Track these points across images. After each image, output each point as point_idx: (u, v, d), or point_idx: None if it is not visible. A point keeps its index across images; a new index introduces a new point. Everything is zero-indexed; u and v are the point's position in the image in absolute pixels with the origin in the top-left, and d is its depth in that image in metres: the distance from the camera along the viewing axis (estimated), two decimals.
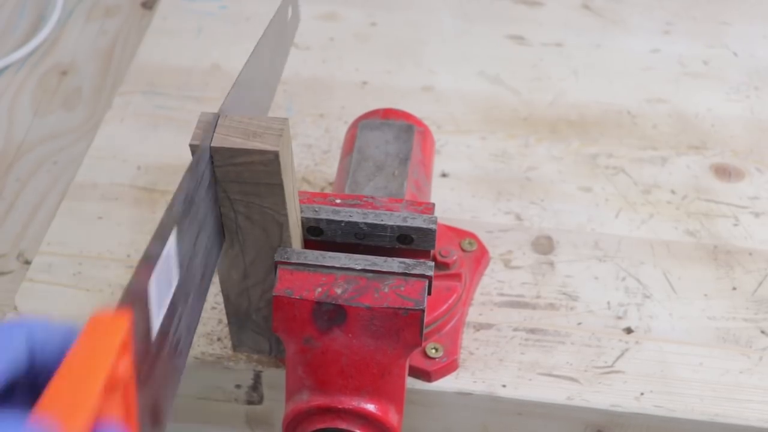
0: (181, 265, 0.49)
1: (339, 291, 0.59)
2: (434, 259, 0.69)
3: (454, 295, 0.70)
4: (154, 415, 0.45)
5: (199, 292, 0.54)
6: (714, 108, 0.91)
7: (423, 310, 0.59)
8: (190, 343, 0.53)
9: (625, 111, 0.90)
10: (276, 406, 0.72)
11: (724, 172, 0.85)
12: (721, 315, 0.74)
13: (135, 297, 0.42)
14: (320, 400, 0.61)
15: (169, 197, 0.81)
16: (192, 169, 0.52)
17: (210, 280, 0.56)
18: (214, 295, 0.73)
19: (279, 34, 0.67)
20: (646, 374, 0.70)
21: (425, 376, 0.69)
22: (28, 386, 0.39)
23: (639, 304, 0.74)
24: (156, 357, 0.46)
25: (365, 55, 0.96)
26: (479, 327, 0.72)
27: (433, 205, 0.64)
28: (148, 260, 0.44)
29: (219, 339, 0.71)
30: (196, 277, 0.53)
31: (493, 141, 0.87)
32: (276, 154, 0.54)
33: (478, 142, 0.87)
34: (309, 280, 0.60)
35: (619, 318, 0.73)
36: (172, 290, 0.48)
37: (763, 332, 0.73)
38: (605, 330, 0.73)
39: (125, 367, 0.39)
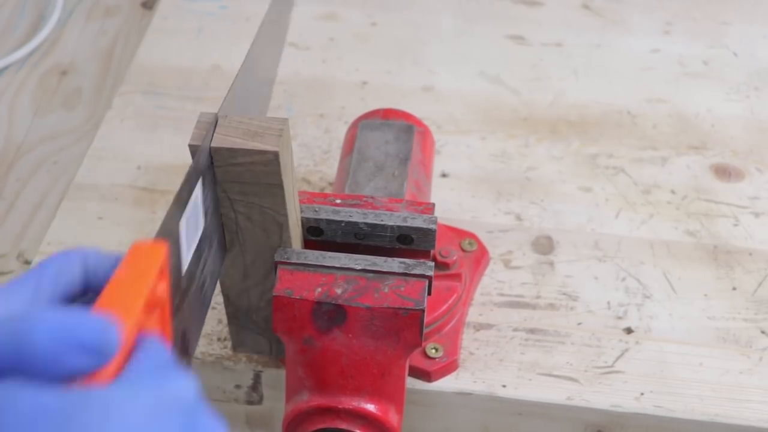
0: (206, 213, 0.54)
1: (339, 291, 0.59)
2: (434, 259, 0.69)
3: (454, 295, 0.70)
4: (183, 343, 0.50)
5: (220, 243, 0.59)
6: (714, 108, 0.91)
7: (423, 310, 0.59)
8: (213, 288, 0.57)
9: (625, 111, 0.90)
10: (276, 406, 0.72)
11: (724, 172, 0.85)
12: (721, 315, 0.74)
13: (168, 233, 0.47)
14: (320, 400, 0.61)
15: (169, 197, 0.81)
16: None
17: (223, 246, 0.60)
18: (215, 295, 0.73)
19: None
20: (646, 374, 0.70)
21: (425, 376, 0.69)
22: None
23: (639, 304, 0.74)
24: (185, 292, 0.50)
25: (365, 55, 0.96)
26: (479, 327, 0.72)
27: (433, 205, 0.64)
28: (179, 203, 0.49)
29: (219, 339, 0.71)
30: (219, 229, 0.58)
31: (493, 141, 0.87)
32: (276, 155, 0.54)
33: (478, 142, 0.87)
34: (309, 280, 0.60)
35: (619, 318, 0.73)
36: (199, 234, 0.53)
37: (763, 332, 0.73)
38: (605, 330, 0.73)
39: (163, 289, 0.42)
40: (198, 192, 0.53)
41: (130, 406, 0.36)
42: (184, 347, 0.50)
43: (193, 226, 0.52)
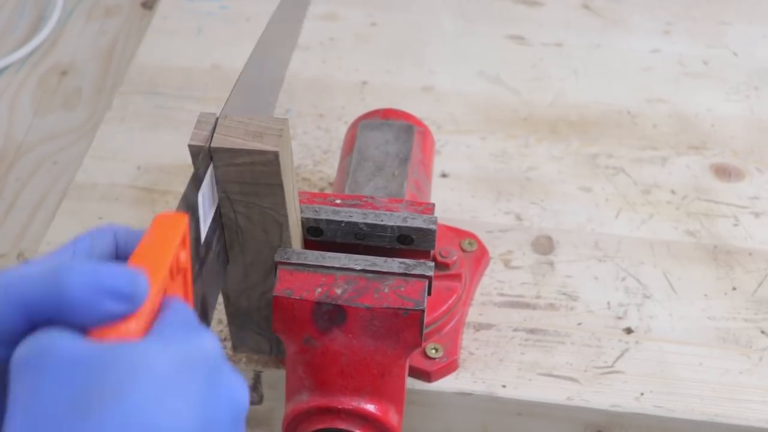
0: (221, 199, 0.57)
1: (339, 291, 0.59)
2: (434, 259, 0.69)
3: (454, 296, 0.70)
4: (202, 308, 0.53)
5: None
6: (714, 108, 0.91)
7: (423, 311, 0.59)
8: (227, 261, 0.61)
9: (625, 111, 0.90)
10: (276, 406, 0.72)
11: (724, 172, 0.85)
12: (721, 315, 0.74)
13: (188, 205, 0.51)
14: (320, 401, 0.61)
15: (169, 197, 0.81)
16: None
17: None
18: None
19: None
20: (646, 374, 0.70)
21: (425, 376, 0.69)
22: None
23: (639, 304, 0.74)
24: (204, 259, 0.54)
25: (365, 55, 0.96)
26: (479, 327, 0.72)
27: (433, 205, 0.64)
28: (195, 180, 0.53)
29: (219, 339, 0.71)
30: None
31: (493, 141, 0.87)
32: (276, 155, 0.54)
33: (478, 142, 0.87)
34: (309, 281, 0.60)
35: (619, 318, 0.73)
36: (215, 206, 0.56)
37: (763, 332, 0.73)
38: (605, 330, 0.73)
39: (185, 257, 0.45)
40: (212, 169, 0.55)
41: (160, 359, 0.38)
42: (203, 312, 0.53)
43: (209, 199, 0.55)
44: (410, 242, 0.62)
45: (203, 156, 0.54)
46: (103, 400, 0.36)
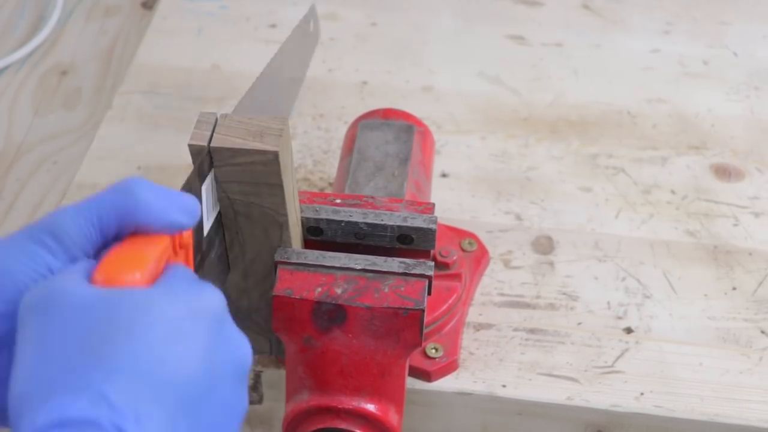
0: (221, 199, 0.57)
1: (339, 291, 0.59)
2: (434, 259, 0.69)
3: (454, 295, 0.70)
4: None
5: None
6: (714, 108, 0.91)
7: (423, 310, 0.59)
8: (227, 269, 0.61)
9: (625, 111, 0.90)
10: (276, 406, 0.72)
11: (724, 172, 0.85)
12: (721, 315, 0.74)
13: (190, 189, 0.52)
14: (320, 400, 0.61)
15: None
16: None
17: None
18: None
19: (298, 47, 0.69)
20: (646, 374, 0.70)
21: (425, 376, 0.69)
22: None
23: (639, 304, 0.74)
24: (206, 254, 0.55)
25: (365, 55, 0.96)
26: (479, 327, 0.72)
27: (433, 205, 0.64)
28: (200, 173, 0.54)
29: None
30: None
31: (493, 141, 0.87)
32: (276, 154, 0.54)
33: (478, 142, 0.87)
34: (309, 280, 0.60)
35: (619, 318, 0.73)
36: (217, 212, 0.57)
37: (763, 332, 0.73)
38: (605, 330, 0.73)
39: (188, 233, 0.47)
40: (212, 175, 0.56)
41: (166, 304, 0.40)
42: None
43: (212, 198, 0.56)
44: (410, 242, 0.62)
45: (206, 162, 0.54)
46: (113, 341, 0.38)
